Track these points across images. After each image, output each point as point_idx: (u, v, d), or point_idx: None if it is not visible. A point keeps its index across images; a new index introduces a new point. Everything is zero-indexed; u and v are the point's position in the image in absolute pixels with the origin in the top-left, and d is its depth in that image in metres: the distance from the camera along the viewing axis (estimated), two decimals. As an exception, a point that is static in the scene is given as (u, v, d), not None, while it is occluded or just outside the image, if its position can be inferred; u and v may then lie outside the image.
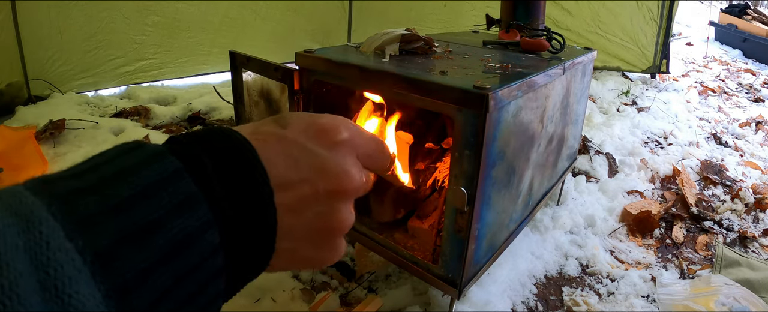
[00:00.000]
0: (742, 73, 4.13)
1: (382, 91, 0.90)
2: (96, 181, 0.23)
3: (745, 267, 1.34)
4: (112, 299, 0.20)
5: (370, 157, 0.36)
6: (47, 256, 0.19)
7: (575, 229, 1.49)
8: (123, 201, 0.22)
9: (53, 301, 0.18)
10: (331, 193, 0.31)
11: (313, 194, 0.30)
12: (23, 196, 0.21)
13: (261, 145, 0.29)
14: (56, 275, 0.19)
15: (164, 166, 0.24)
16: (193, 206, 0.24)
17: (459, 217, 0.82)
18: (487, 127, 0.74)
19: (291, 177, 0.29)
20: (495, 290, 1.18)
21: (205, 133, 0.28)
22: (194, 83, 2.88)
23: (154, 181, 0.24)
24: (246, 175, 0.27)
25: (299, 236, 0.30)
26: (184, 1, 2.76)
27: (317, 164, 0.31)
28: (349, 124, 0.35)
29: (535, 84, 0.90)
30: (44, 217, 0.20)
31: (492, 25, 1.48)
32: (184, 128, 2.17)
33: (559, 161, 1.31)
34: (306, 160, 0.30)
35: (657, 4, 3.10)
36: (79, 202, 0.22)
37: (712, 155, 2.18)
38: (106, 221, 0.21)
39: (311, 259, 0.32)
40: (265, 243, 0.28)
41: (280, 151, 0.30)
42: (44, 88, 2.40)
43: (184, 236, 0.24)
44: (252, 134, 0.29)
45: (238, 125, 0.31)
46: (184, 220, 0.24)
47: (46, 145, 1.85)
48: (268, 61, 1.07)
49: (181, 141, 0.27)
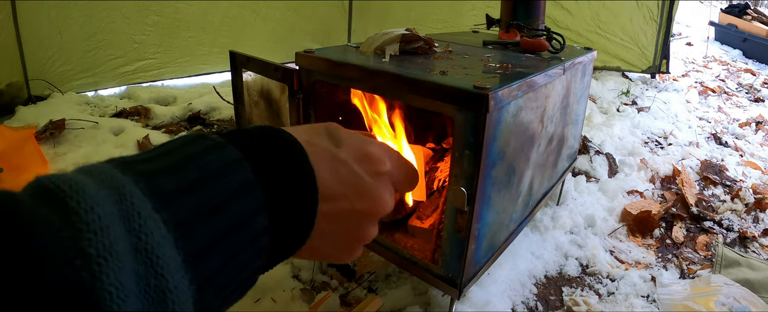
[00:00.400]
0: (742, 73, 4.13)
1: (382, 91, 0.90)
2: (170, 165, 0.27)
3: (745, 267, 1.34)
4: (189, 263, 0.24)
5: (403, 184, 0.41)
6: (139, 223, 0.23)
7: (575, 229, 1.49)
8: (194, 182, 0.26)
9: (144, 261, 0.22)
10: (365, 213, 0.36)
11: (349, 210, 0.35)
12: (113, 172, 0.24)
13: (314, 155, 0.33)
14: (147, 240, 0.22)
15: (227, 154, 0.29)
16: (250, 192, 0.28)
17: (459, 217, 0.82)
18: (487, 127, 0.74)
19: (335, 191, 0.34)
20: (495, 290, 1.18)
21: (264, 130, 0.33)
22: (194, 83, 2.88)
23: (219, 167, 0.28)
24: (298, 176, 0.31)
25: (328, 239, 0.35)
26: (184, 1, 2.76)
27: (360, 187, 0.35)
28: (392, 154, 0.40)
29: (535, 84, 0.90)
30: (134, 191, 0.23)
31: (492, 25, 1.48)
32: (184, 128, 2.17)
33: (559, 161, 1.31)
34: (351, 180, 0.35)
35: (657, 4, 3.10)
36: (161, 180, 0.25)
37: (712, 155, 2.18)
38: (183, 198, 0.25)
39: (331, 256, 0.38)
40: (301, 236, 0.32)
41: (330, 167, 0.34)
42: (44, 88, 2.40)
43: (243, 216, 0.28)
44: (307, 143, 0.33)
45: (293, 128, 0.35)
46: (243, 203, 0.28)
47: (46, 145, 1.85)
48: (268, 61, 1.07)
49: (241, 135, 0.32)
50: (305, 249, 0.34)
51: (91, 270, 0.20)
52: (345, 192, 0.34)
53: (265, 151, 0.31)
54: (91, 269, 0.20)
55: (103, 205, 0.22)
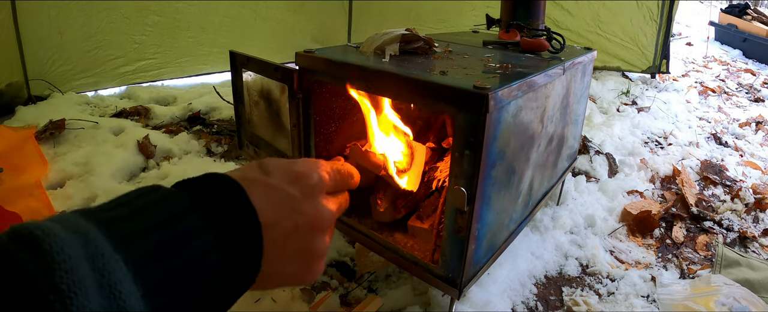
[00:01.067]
0: (742, 73, 4.13)
1: (382, 91, 0.90)
2: (128, 213, 0.30)
3: (745, 267, 1.34)
4: (148, 297, 0.28)
5: (338, 184, 0.45)
6: (102, 263, 0.26)
7: (575, 229, 1.49)
8: (150, 227, 0.30)
9: (108, 296, 0.25)
10: (308, 227, 0.40)
11: (293, 228, 0.38)
12: (79, 220, 0.28)
13: (250, 188, 0.37)
14: (110, 277, 0.26)
15: (179, 203, 0.33)
16: (201, 234, 0.32)
17: (459, 217, 0.82)
18: (487, 127, 0.74)
19: (274, 215, 0.37)
20: (495, 290, 1.18)
21: (208, 177, 0.37)
22: (194, 83, 2.88)
23: (171, 213, 0.32)
24: (240, 211, 0.35)
25: (285, 262, 0.39)
26: (184, 1, 2.76)
27: (296, 206, 0.39)
28: (319, 166, 0.43)
29: (535, 84, 0.90)
30: (98, 236, 0.27)
31: (492, 25, 1.48)
32: (184, 128, 2.17)
33: (559, 161, 1.31)
34: (286, 202, 0.39)
35: (657, 4, 3.10)
36: (120, 226, 0.29)
37: (712, 155, 2.18)
38: (141, 241, 0.29)
39: (294, 278, 0.41)
40: (253, 265, 0.36)
41: (266, 195, 0.37)
42: (44, 88, 2.40)
43: (196, 254, 0.31)
44: (242, 179, 0.37)
45: (231, 171, 0.40)
46: (195, 243, 0.31)
47: (46, 145, 1.84)
48: (268, 61, 1.07)
49: (189, 183, 0.36)
50: (267, 277, 0.37)
51: (63, 303, 0.23)
52: (284, 214, 0.38)
53: (209, 194, 0.35)
54: (63, 302, 0.23)
55: (72, 247, 0.25)
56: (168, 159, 1.87)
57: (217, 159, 1.90)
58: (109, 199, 0.32)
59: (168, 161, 1.85)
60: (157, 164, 1.83)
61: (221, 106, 2.40)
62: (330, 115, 1.11)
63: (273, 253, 0.37)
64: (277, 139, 1.16)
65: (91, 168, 1.67)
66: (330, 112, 1.10)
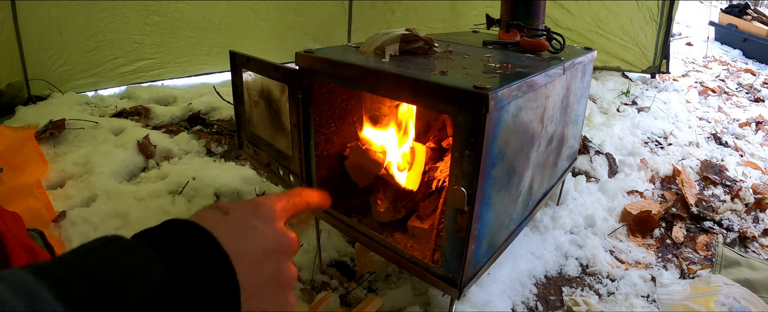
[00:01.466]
0: (742, 73, 4.13)
1: (382, 91, 0.90)
2: (83, 270, 0.29)
3: (745, 267, 1.34)
4: None
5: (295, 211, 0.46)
6: None
7: (575, 229, 1.49)
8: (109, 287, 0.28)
9: None
10: (277, 251, 0.40)
11: (264, 255, 0.39)
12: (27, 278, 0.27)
13: (214, 228, 0.36)
14: None
15: (142, 256, 0.31)
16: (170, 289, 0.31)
17: (459, 217, 0.82)
18: (487, 127, 0.74)
19: (244, 247, 0.37)
20: (495, 290, 1.18)
21: (168, 225, 0.35)
22: (194, 83, 2.88)
23: (134, 269, 0.30)
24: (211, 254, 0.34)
25: (259, 290, 0.38)
26: (184, 1, 2.76)
27: (260, 234, 0.40)
28: (273, 199, 0.44)
29: (535, 84, 0.90)
30: (48, 298, 0.26)
31: (492, 25, 1.48)
32: (183, 128, 2.17)
33: (559, 161, 1.31)
34: (252, 232, 0.39)
35: (657, 4, 3.10)
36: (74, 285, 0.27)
37: (712, 155, 2.18)
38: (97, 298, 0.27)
39: (271, 306, 0.41)
40: (233, 303, 0.35)
41: (231, 230, 0.38)
42: (44, 88, 2.40)
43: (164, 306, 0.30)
44: (201, 220, 0.37)
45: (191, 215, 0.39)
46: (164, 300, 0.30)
47: (46, 145, 1.84)
48: (268, 61, 1.07)
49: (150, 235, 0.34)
50: None
51: None
52: (251, 243, 0.38)
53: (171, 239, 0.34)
54: None
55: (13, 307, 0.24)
56: (168, 159, 1.87)
57: (217, 159, 1.90)
58: (109, 199, 0.32)
59: (168, 161, 1.85)
60: (157, 164, 1.83)
61: (221, 106, 2.40)
62: (330, 115, 1.11)
63: (247, 282, 0.36)
64: (277, 139, 1.16)
65: (91, 168, 1.67)
66: (330, 112, 1.10)
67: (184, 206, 1.52)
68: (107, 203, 1.48)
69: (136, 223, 1.41)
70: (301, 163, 1.08)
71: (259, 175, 1.71)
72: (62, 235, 1.34)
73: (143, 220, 1.42)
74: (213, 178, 1.64)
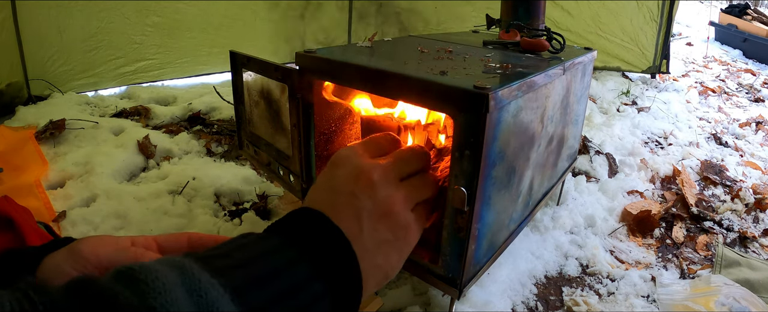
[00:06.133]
0: (742, 73, 4.13)
1: (382, 91, 0.90)
2: (223, 253, 0.34)
3: (745, 267, 1.34)
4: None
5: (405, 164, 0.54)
6: (199, 286, 0.29)
7: (575, 229, 1.49)
8: (245, 262, 0.33)
9: None
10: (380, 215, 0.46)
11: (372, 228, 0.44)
12: (178, 258, 0.31)
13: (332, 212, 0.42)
14: (207, 297, 0.28)
15: (271, 242, 0.37)
16: (296, 267, 0.36)
17: (459, 217, 0.82)
18: (487, 127, 0.74)
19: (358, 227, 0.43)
20: (495, 290, 1.18)
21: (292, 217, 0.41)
22: (194, 83, 2.88)
23: (264, 251, 0.35)
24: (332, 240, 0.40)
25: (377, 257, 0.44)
26: (184, 2, 2.76)
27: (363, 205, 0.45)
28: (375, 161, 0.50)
29: (535, 84, 0.90)
30: (194, 266, 0.30)
31: (492, 25, 1.48)
32: (184, 128, 2.17)
33: (559, 161, 1.31)
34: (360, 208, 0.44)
35: (657, 4, 3.10)
36: (216, 261, 0.32)
37: (712, 155, 2.18)
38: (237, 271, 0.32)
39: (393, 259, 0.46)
40: (355, 287, 0.40)
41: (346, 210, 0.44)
42: (44, 88, 2.40)
43: (295, 285, 0.34)
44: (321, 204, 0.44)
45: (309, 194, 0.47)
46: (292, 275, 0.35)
47: (46, 145, 1.85)
48: (268, 61, 1.07)
49: (275, 227, 0.40)
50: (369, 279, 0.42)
51: None
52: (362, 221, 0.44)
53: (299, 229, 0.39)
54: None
55: (167, 276, 0.28)
56: (168, 159, 1.87)
57: (217, 159, 1.90)
58: (109, 199, 0.34)
59: (168, 161, 1.85)
60: (157, 164, 1.83)
61: (221, 106, 2.40)
62: (330, 115, 1.11)
63: (365, 259, 0.41)
64: (277, 139, 1.16)
65: (91, 168, 1.67)
66: (330, 112, 1.10)
67: (184, 206, 1.52)
68: (107, 203, 1.48)
69: (136, 223, 1.41)
70: (301, 163, 1.08)
71: (259, 175, 1.71)
72: (62, 234, 1.34)
73: (143, 220, 1.42)
74: (213, 178, 1.64)
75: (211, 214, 1.50)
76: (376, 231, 0.44)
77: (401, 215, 0.46)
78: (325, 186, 0.47)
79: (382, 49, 1.12)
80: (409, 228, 0.47)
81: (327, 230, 0.40)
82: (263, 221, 1.44)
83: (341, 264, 0.39)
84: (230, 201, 1.57)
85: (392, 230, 0.45)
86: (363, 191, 0.45)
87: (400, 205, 0.47)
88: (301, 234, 0.39)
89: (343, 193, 0.44)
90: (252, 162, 1.43)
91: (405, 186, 0.49)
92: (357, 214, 0.43)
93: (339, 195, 0.44)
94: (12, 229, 0.73)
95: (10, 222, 0.74)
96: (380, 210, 0.45)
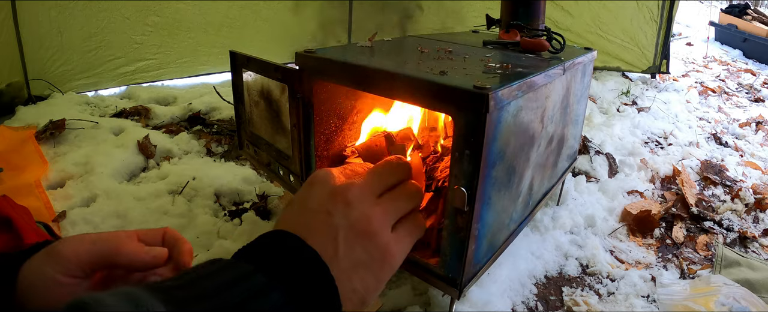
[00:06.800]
0: (742, 73, 4.13)
1: (382, 90, 0.90)
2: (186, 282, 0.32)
3: (745, 267, 1.34)
4: None
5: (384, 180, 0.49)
6: None
7: (575, 229, 1.49)
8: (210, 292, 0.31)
9: None
10: (358, 234, 0.43)
11: (349, 250, 0.41)
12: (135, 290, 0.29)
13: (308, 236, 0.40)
14: None
15: (241, 269, 0.34)
16: (269, 293, 0.34)
17: (459, 217, 0.81)
18: (488, 127, 0.74)
19: (334, 249, 0.40)
20: (495, 290, 1.18)
21: (262, 240, 0.39)
22: (194, 83, 2.88)
23: (232, 279, 0.33)
24: (308, 263, 0.38)
25: (355, 279, 0.41)
26: (184, 2, 2.76)
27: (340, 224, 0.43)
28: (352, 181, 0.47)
29: (535, 84, 0.90)
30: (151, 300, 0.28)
31: (492, 25, 1.48)
32: (183, 128, 2.16)
33: (559, 161, 1.31)
34: (334, 228, 0.42)
35: (657, 4, 3.10)
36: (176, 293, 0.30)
37: (712, 155, 2.18)
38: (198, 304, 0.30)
39: (373, 282, 0.43)
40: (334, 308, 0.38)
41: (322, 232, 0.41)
42: (44, 88, 2.40)
43: None
44: (292, 226, 0.41)
45: (279, 217, 0.46)
46: (263, 303, 0.33)
47: (46, 145, 1.84)
48: (268, 61, 1.07)
49: (245, 252, 0.38)
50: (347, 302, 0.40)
51: None
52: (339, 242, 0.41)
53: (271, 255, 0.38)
54: None
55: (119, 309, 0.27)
56: (168, 159, 1.87)
57: (217, 159, 1.90)
58: (109, 199, 0.34)
59: (168, 161, 1.85)
60: (157, 164, 1.83)
61: (221, 106, 2.40)
62: (330, 114, 1.11)
63: (342, 282, 0.39)
64: (277, 138, 1.16)
65: (91, 168, 1.67)
66: (330, 112, 1.10)
67: (184, 206, 1.52)
68: (107, 203, 1.48)
69: (136, 223, 1.41)
70: (301, 163, 1.08)
71: (259, 175, 1.71)
72: (62, 234, 1.34)
73: (143, 220, 1.42)
74: (213, 178, 1.64)
75: (211, 214, 1.50)
76: (353, 251, 0.41)
77: (379, 235, 0.44)
78: (299, 206, 0.44)
79: (382, 49, 1.12)
80: (388, 250, 0.44)
81: (301, 253, 0.38)
82: (263, 221, 1.44)
83: (318, 288, 0.37)
84: (230, 201, 1.57)
85: (368, 251, 0.42)
86: (338, 209, 0.42)
87: (377, 224, 0.44)
88: (273, 258, 0.37)
89: (317, 212, 0.42)
90: (252, 162, 1.43)
91: (383, 201, 0.46)
92: (333, 234, 0.41)
93: (314, 214, 0.42)
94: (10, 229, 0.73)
95: (8, 222, 0.74)
96: (356, 229, 0.42)
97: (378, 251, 0.43)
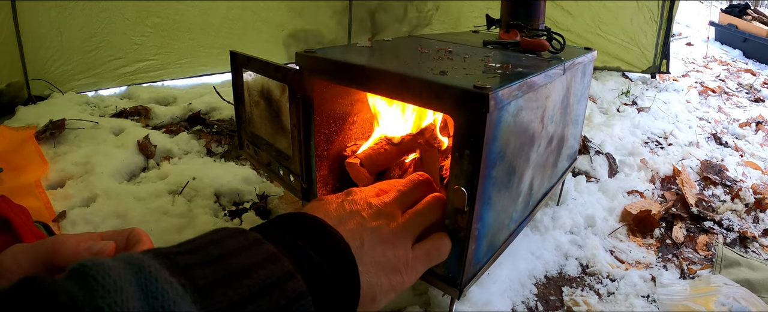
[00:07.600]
0: (742, 73, 4.13)
1: (382, 90, 0.90)
2: (191, 248, 0.31)
3: (745, 267, 1.34)
4: None
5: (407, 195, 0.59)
6: (156, 286, 0.26)
7: (575, 229, 1.49)
8: (215, 258, 0.31)
9: None
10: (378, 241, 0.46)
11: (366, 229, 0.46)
12: (137, 255, 0.29)
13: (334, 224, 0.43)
14: (163, 299, 0.26)
15: (248, 236, 0.34)
16: (276, 262, 0.33)
17: (459, 217, 0.82)
18: (488, 127, 0.74)
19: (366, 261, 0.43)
20: (495, 290, 1.18)
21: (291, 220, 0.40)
22: (194, 83, 2.88)
23: (239, 246, 0.33)
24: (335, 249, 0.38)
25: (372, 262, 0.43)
26: (184, 2, 2.76)
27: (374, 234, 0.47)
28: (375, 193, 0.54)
29: (535, 84, 0.90)
30: (153, 263, 0.28)
31: (492, 25, 1.48)
32: (184, 128, 2.17)
33: (559, 161, 1.31)
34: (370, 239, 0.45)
35: (657, 4, 3.10)
36: (180, 258, 0.30)
37: (712, 155, 2.18)
38: (203, 269, 0.29)
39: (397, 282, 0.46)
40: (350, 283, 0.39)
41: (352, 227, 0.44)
42: (44, 88, 2.40)
43: (272, 282, 0.32)
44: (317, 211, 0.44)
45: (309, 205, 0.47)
46: (268, 271, 0.32)
47: (46, 145, 1.85)
48: (268, 61, 1.07)
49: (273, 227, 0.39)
50: (365, 294, 0.40)
51: None
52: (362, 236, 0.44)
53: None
54: None
55: (119, 274, 0.26)
56: (168, 159, 1.87)
57: (217, 159, 1.90)
58: (109, 199, 0.33)
59: (168, 161, 1.85)
60: (157, 164, 1.83)
61: (221, 106, 2.40)
62: (330, 115, 1.11)
63: (362, 272, 0.40)
64: (278, 139, 1.16)
65: (91, 168, 1.67)
66: (330, 112, 1.10)
67: (184, 206, 1.52)
68: (107, 203, 1.48)
69: (136, 223, 1.41)
70: (301, 163, 1.08)
71: (259, 175, 1.71)
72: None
73: (143, 220, 1.42)
74: (213, 178, 1.64)
75: (211, 214, 1.50)
76: (374, 250, 0.44)
77: (397, 246, 0.47)
78: (336, 205, 0.47)
79: (382, 49, 1.12)
80: (405, 262, 0.48)
81: (321, 231, 0.39)
82: (263, 221, 1.44)
83: (334, 261, 0.37)
84: (230, 201, 1.58)
85: (387, 256, 0.45)
86: (369, 216, 0.46)
87: (398, 235, 0.48)
88: (286, 232, 0.37)
89: (351, 213, 0.46)
90: (252, 162, 1.43)
91: (407, 215, 0.51)
92: (360, 231, 0.43)
93: (344, 211, 0.45)
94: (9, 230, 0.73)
95: (7, 223, 0.73)
96: (380, 234, 0.46)
97: (396, 259, 0.46)
